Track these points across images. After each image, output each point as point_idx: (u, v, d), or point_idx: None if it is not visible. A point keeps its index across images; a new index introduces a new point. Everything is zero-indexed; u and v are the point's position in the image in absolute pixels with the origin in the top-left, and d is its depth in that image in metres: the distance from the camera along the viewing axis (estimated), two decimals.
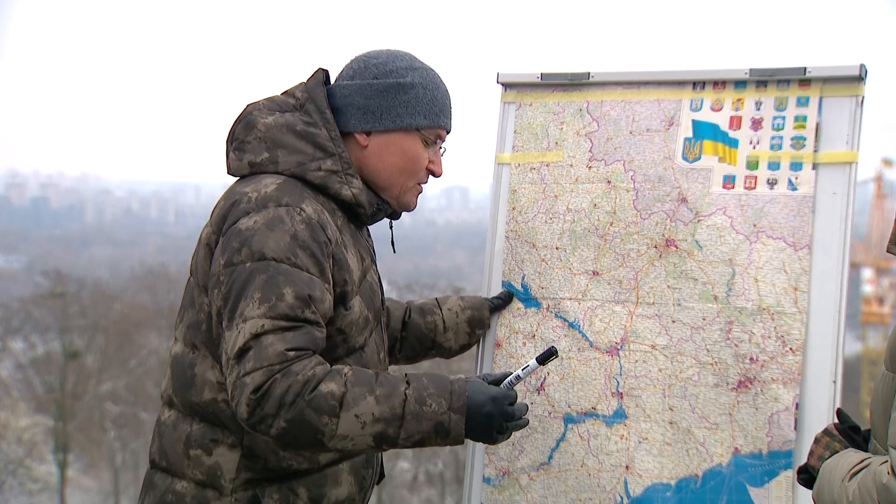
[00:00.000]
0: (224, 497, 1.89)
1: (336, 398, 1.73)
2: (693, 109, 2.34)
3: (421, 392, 1.80)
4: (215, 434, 1.90)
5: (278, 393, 1.70)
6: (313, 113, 1.96)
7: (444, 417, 1.80)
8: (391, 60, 2.00)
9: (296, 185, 1.89)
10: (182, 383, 1.93)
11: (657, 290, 2.29)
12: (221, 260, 1.83)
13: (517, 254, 2.47)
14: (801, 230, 2.18)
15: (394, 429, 1.77)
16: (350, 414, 1.74)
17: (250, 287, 1.77)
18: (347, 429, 1.74)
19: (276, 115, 1.96)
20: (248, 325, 1.74)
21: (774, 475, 2.13)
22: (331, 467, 1.96)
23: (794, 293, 2.16)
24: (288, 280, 1.77)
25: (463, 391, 1.82)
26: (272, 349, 1.72)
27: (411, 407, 1.78)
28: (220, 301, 1.81)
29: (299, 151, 1.93)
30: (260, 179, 1.90)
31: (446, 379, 1.85)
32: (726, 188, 2.26)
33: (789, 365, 2.14)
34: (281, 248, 1.79)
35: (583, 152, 2.43)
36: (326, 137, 1.94)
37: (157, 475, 1.98)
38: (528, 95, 2.54)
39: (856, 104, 2.19)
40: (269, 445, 1.89)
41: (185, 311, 1.97)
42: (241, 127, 1.97)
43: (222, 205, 1.91)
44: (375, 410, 1.75)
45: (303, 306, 1.77)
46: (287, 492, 1.91)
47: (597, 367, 2.33)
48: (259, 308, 1.75)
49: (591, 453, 2.32)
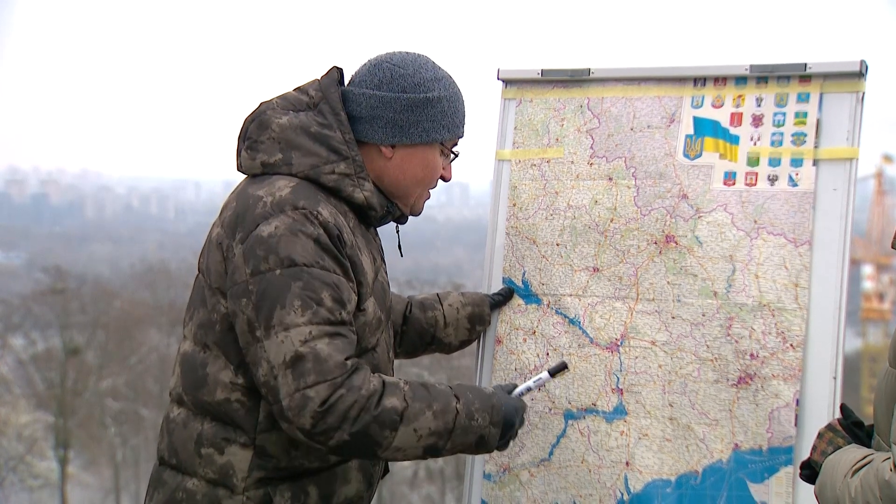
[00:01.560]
0: (236, 496, 1.89)
1: (398, 413, 1.79)
2: (694, 106, 2.34)
3: (469, 407, 1.88)
4: (227, 433, 1.90)
5: (343, 408, 1.74)
6: (327, 114, 1.96)
7: (486, 431, 1.89)
8: (417, 71, 1.99)
9: (310, 188, 1.89)
10: (193, 382, 1.93)
11: (657, 287, 2.29)
12: (247, 269, 1.82)
13: (518, 250, 2.47)
14: (802, 226, 2.18)
15: (444, 441, 1.85)
16: (409, 428, 1.80)
17: (287, 294, 1.77)
18: (403, 442, 1.80)
19: (290, 114, 1.95)
20: (293, 333, 1.75)
21: (775, 471, 2.14)
22: (340, 465, 1.97)
23: (795, 289, 2.16)
24: (323, 284, 1.79)
25: (500, 405, 1.92)
26: (332, 361, 1.75)
27: (462, 421, 1.86)
28: (252, 311, 1.80)
29: (313, 154, 1.92)
30: (273, 182, 1.89)
31: (486, 393, 1.93)
32: (727, 185, 2.26)
33: (790, 361, 2.14)
34: (309, 253, 1.80)
35: (584, 149, 2.43)
36: (341, 140, 1.94)
37: (166, 472, 1.98)
38: (528, 92, 2.54)
39: (856, 100, 2.19)
40: (281, 445, 1.89)
41: (195, 309, 1.96)
42: (254, 126, 1.96)
43: (235, 207, 1.90)
44: (432, 425, 1.82)
45: (340, 308, 1.81)
46: (298, 490, 1.91)
47: (597, 363, 2.34)
48: (302, 315, 1.76)
49: (592, 449, 2.32)
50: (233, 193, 1.97)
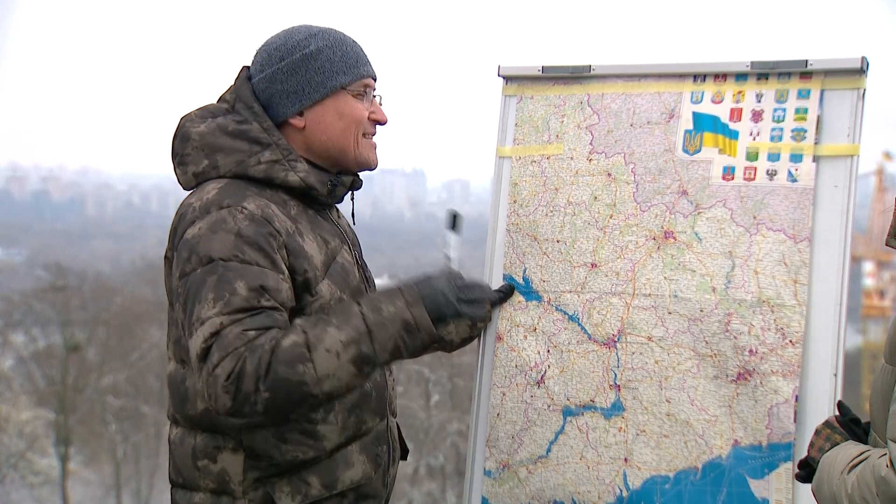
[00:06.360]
0: (238, 500, 1.91)
1: (301, 344, 1.75)
2: (693, 101, 2.34)
3: (373, 303, 1.84)
4: (216, 441, 1.92)
5: (251, 369, 1.71)
6: (242, 111, 1.97)
7: (406, 315, 1.85)
8: (290, 37, 2.00)
9: (237, 185, 1.90)
10: (179, 399, 1.96)
11: (654, 282, 2.29)
12: (177, 273, 1.85)
13: (518, 247, 2.47)
14: (802, 223, 2.18)
15: (366, 346, 1.80)
16: (320, 351, 1.75)
17: (203, 290, 1.78)
18: (325, 367, 1.76)
19: (207, 121, 1.97)
20: (206, 325, 1.75)
21: (774, 467, 2.14)
22: (339, 451, 1.96)
23: (794, 285, 2.16)
24: (238, 275, 1.78)
25: (412, 285, 1.89)
26: (231, 335, 1.73)
27: (371, 318, 1.82)
28: (181, 313, 1.82)
29: (236, 150, 1.93)
30: (203, 187, 1.92)
31: (392, 286, 1.91)
32: (725, 179, 2.26)
33: (789, 357, 2.14)
34: (227, 248, 1.80)
35: (583, 145, 2.43)
36: (259, 130, 1.95)
37: (177, 493, 2.01)
38: (529, 88, 2.54)
39: (857, 97, 2.19)
40: (269, 441, 1.89)
41: (170, 328, 2.00)
42: (178, 141, 1.99)
43: (174, 220, 1.93)
44: (342, 337, 1.78)
45: (257, 296, 1.78)
46: (298, 483, 1.92)
47: (595, 359, 2.34)
48: (214, 307, 1.76)
49: (590, 446, 2.32)
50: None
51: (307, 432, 1.92)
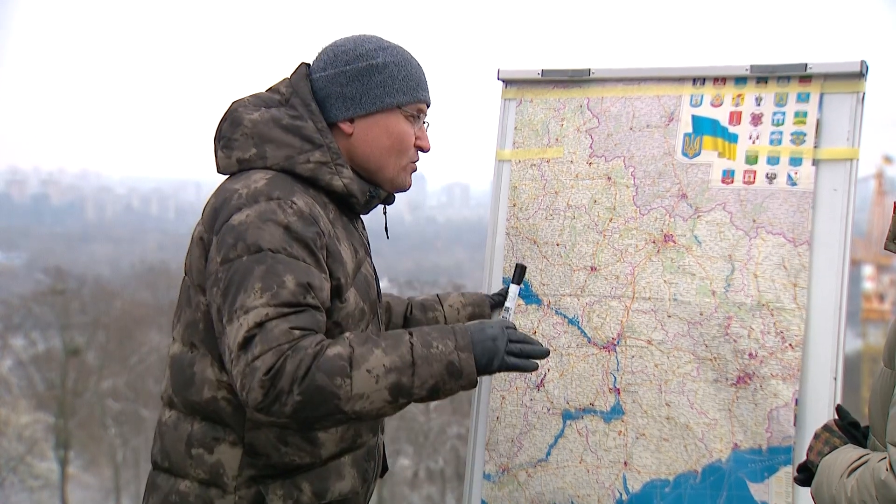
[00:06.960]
0: (228, 495, 1.89)
1: (345, 358, 1.72)
2: (693, 105, 2.34)
3: (425, 337, 1.80)
4: (216, 432, 1.90)
5: (290, 369, 1.69)
6: (298, 106, 1.96)
7: (454, 357, 1.80)
8: (360, 44, 2.00)
9: (286, 179, 1.89)
10: (182, 383, 1.93)
11: (653, 285, 2.29)
12: (218, 258, 1.82)
13: (518, 250, 2.47)
14: (801, 226, 2.18)
15: (407, 377, 1.76)
16: (362, 370, 1.73)
17: (250, 279, 1.76)
18: (362, 386, 1.73)
19: (261, 110, 1.96)
20: (250, 315, 1.73)
21: (774, 471, 2.14)
22: (333, 461, 1.96)
23: (794, 289, 2.16)
24: (287, 268, 1.77)
25: (465, 329, 1.84)
26: (277, 330, 1.71)
27: (419, 351, 1.78)
28: (220, 298, 1.80)
29: (287, 145, 1.92)
30: (249, 175, 1.89)
31: (447, 325, 1.88)
32: (725, 183, 2.26)
33: (788, 361, 2.14)
34: (276, 240, 1.79)
35: (583, 148, 2.44)
36: (313, 129, 1.94)
37: (159, 476, 1.98)
38: (528, 92, 2.54)
39: (857, 101, 2.19)
40: (270, 441, 1.89)
41: (181, 310, 1.97)
42: (227, 124, 1.97)
43: (213, 202, 1.90)
44: (386, 361, 1.75)
45: (304, 292, 1.77)
46: (291, 487, 1.91)
47: (594, 362, 2.34)
48: (261, 297, 1.74)
49: (590, 449, 2.32)
50: (213, 193, 1.98)
51: (307, 438, 1.92)
